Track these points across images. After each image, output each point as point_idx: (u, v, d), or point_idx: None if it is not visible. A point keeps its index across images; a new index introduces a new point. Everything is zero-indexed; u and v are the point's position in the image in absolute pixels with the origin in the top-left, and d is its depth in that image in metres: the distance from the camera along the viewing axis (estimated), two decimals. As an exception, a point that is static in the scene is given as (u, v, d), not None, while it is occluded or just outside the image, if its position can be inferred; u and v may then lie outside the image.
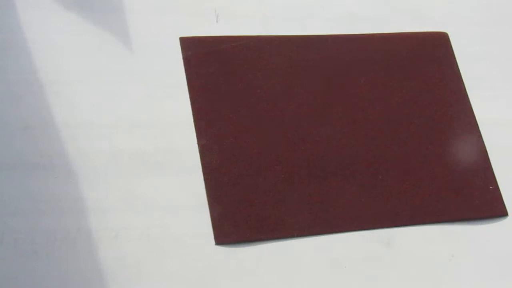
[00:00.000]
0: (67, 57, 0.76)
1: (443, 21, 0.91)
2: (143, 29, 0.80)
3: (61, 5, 0.79)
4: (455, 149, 0.81)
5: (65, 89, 0.74)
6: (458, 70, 0.87)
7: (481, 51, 0.90)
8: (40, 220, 0.67)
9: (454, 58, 0.88)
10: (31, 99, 0.73)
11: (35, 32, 0.76)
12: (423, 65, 0.86)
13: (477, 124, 0.83)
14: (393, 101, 0.83)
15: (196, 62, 0.79)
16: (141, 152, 0.73)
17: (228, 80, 0.79)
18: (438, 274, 0.74)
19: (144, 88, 0.76)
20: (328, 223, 0.74)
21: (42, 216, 0.67)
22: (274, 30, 0.84)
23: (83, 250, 0.67)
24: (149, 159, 0.72)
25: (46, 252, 0.66)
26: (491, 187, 0.80)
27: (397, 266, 0.74)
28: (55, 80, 0.74)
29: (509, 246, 0.77)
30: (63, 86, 0.74)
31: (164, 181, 0.72)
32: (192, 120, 0.76)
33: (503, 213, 0.79)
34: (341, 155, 0.78)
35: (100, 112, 0.74)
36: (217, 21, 0.83)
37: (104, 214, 0.69)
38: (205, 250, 0.70)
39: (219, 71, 0.79)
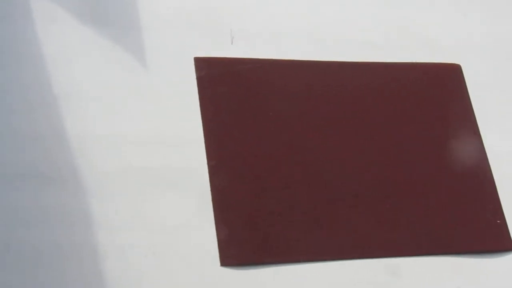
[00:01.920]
0: (81, 71, 0.76)
1: (455, 50, 0.91)
2: (157, 47, 0.80)
3: (78, 20, 0.79)
4: (464, 181, 0.81)
5: (78, 103, 0.74)
6: (470, 103, 0.87)
7: (494, 82, 0.90)
8: (47, 232, 0.67)
9: (466, 90, 0.88)
10: (44, 111, 0.73)
11: (51, 46, 0.77)
12: (435, 96, 0.86)
13: (486, 157, 0.83)
14: (404, 131, 0.83)
15: (209, 82, 0.79)
16: (151, 170, 0.73)
17: (241, 102, 0.79)
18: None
19: (157, 105, 0.77)
20: (335, 249, 0.74)
21: (49, 229, 0.67)
22: (288, 53, 0.84)
23: (89, 265, 0.66)
24: (159, 177, 0.72)
25: (51, 264, 0.65)
26: (498, 221, 0.80)
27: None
28: (69, 93, 0.74)
29: (515, 281, 0.77)
30: (77, 99, 0.74)
31: (172, 200, 0.72)
32: (203, 140, 0.76)
33: (510, 248, 0.79)
34: (350, 181, 0.78)
35: (111, 127, 0.74)
36: (232, 43, 0.83)
37: (111, 229, 0.68)
38: (210, 271, 0.70)
39: (232, 92, 0.79)
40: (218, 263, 0.70)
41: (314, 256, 0.73)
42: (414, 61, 0.88)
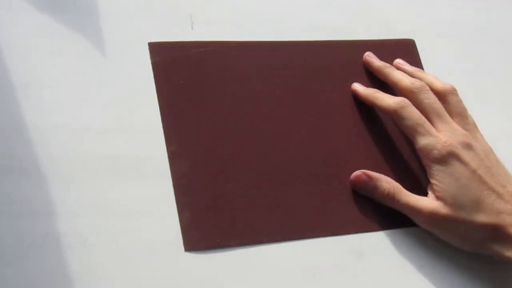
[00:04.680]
0: (39, 60, 0.75)
1: (414, 33, 0.92)
2: (116, 34, 0.80)
3: (35, 7, 0.78)
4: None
5: (36, 92, 0.74)
6: None
7: (451, 66, 0.92)
8: (8, 223, 0.66)
9: (421, 64, 0.89)
10: (2, 101, 0.72)
11: (7, 34, 0.76)
12: None
13: None
14: (359, 108, 0.83)
15: (165, 67, 0.79)
16: (111, 158, 0.72)
17: (198, 86, 0.78)
18: (408, 280, 0.75)
19: (116, 93, 0.76)
20: (298, 228, 0.75)
21: (10, 219, 0.67)
22: (249, 37, 0.84)
23: (51, 255, 0.66)
24: (120, 165, 0.72)
25: (13, 256, 0.65)
26: None
27: (366, 272, 0.74)
28: (26, 83, 0.74)
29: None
30: (34, 89, 0.74)
31: (134, 187, 0.72)
32: (161, 126, 0.76)
33: None
34: (311, 161, 0.78)
35: (71, 116, 0.73)
36: (192, 28, 0.83)
37: (73, 219, 0.68)
38: (174, 256, 0.70)
39: (188, 76, 0.79)
40: (182, 248, 0.71)
41: (278, 236, 0.74)
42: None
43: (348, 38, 0.88)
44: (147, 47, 0.80)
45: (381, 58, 0.87)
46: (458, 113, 0.78)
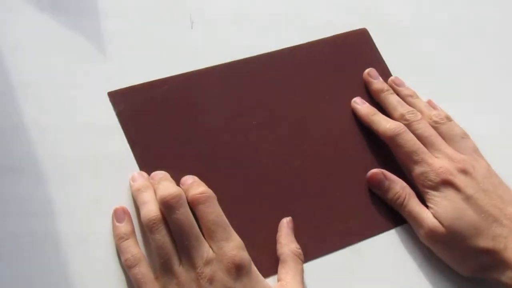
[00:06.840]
0: (39, 59, 0.76)
1: (414, 32, 0.92)
2: (116, 34, 0.80)
3: (35, 7, 0.79)
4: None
5: (36, 92, 0.74)
6: (384, 64, 0.87)
7: (451, 65, 0.92)
8: (8, 223, 0.67)
9: (378, 52, 0.88)
10: (2, 101, 0.72)
11: (8, 33, 0.76)
12: (350, 65, 0.86)
13: None
14: (333, 114, 0.82)
15: (131, 114, 0.75)
16: (111, 156, 0.72)
17: (168, 125, 0.76)
18: (408, 280, 0.75)
19: (116, 92, 0.76)
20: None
21: (9, 219, 0.67)
22: (246, 37, 0.84)
23: (51, 255, 0.66)
24: (120, 164, 0.72)
25: (12, 256, 0.65)
26: None
27: (367, 273, 0.74)
28: (26, 82, 0.74)
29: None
30: (34, 88, 0.74)
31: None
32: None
33: None
34: (294, 178, 0.77)
35: (71, 116, 0.74)
36: (192, 27, 0.83)
37: (72, 218, 0.68)
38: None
39: (157, 118, 0.76)
40: (180, 248, 0.70)
41: None
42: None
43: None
44: (147, 48, 0.79)
45: (339, 53, 0.86)
46: (454, 138, 0.78)
